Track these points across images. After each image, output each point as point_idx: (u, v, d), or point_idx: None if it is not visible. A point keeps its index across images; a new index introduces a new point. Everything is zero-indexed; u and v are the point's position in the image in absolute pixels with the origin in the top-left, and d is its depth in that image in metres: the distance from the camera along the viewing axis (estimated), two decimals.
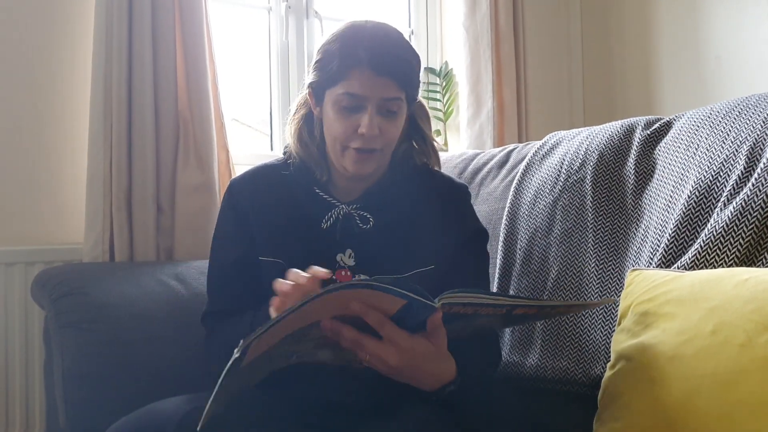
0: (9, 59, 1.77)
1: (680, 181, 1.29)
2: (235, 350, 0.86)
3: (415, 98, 1.29)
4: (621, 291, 1.14)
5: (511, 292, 1.51)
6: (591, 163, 1.46)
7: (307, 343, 1.00)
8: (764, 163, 1.16)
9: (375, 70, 1.18)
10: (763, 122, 1.21)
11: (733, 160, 1.21)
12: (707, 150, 1.27)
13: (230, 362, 0.85)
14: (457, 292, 0.97)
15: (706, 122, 1.32)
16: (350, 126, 1.20)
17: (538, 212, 1.51)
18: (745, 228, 1.13)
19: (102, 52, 1.74)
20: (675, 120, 1.42)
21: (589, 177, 1.45)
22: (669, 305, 1.01)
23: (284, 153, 1.36)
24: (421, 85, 1.32)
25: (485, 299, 0.99)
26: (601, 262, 1.38)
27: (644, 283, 1.08)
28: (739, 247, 1.13)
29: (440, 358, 1.04)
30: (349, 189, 1.30)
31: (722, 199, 1.19)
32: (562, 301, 1.35)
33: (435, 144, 1.37)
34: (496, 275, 1.54)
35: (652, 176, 1.37)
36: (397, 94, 1.21)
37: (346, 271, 1.25)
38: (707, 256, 1.15)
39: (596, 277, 1.37)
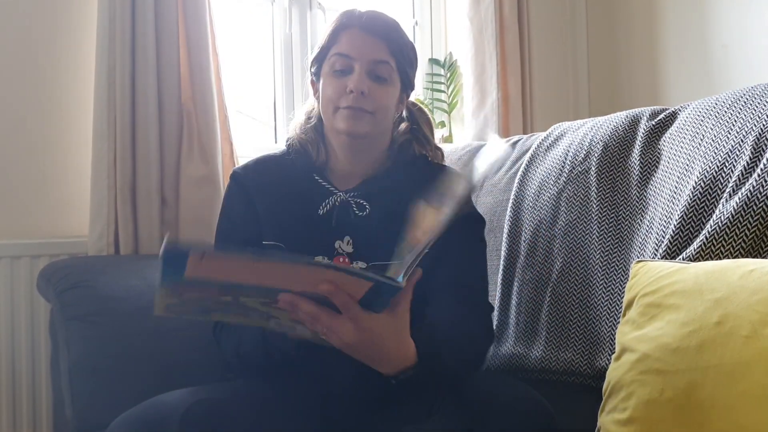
0: (12, 52, 1.77)
1: (685, 172, 1.28)
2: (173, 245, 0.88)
3: (408, 77, 1.30)
4: (626, 282, 1.13)
5: (516, 285, 1.51)
6: (596, 154, 1.46)
7: (282, 312, 0.98)
8: None
9: (363, 29, 1.25)
10: None
11: (739, 151, 1.21)
12: (712, 140, 1.26)
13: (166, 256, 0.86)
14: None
15: (712, 112, 1.31)
16: (341, 86, 1.24)
17: (542, 204, 1.51)
18: (750, 219, 1.12)
19: (105, 45, 1.74)
20: (680, 110, 1.41)
21: (593, 168, 1.45)
22: (674, 296, 1.01)
23: (286, 144, 1.36)
24: (418, 69, 1.34)
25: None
26: (605, 253, 1.37)
27: (649, 274, 1.08)
28: (744, 238, 1.12)
29: (399, 341, 1.02)
30: (348, 177, 1.31)
31: (728, 190, 1.18)
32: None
33: (438, 149, 1.38)
34: (501, 267, 1.54)
35: (657, 167, 1.36)
36: (386, 58, 1.25)
37: (344, 258, 1.25)
38: (712, 247, 1.14)
39: (601, 268, 1.37)
